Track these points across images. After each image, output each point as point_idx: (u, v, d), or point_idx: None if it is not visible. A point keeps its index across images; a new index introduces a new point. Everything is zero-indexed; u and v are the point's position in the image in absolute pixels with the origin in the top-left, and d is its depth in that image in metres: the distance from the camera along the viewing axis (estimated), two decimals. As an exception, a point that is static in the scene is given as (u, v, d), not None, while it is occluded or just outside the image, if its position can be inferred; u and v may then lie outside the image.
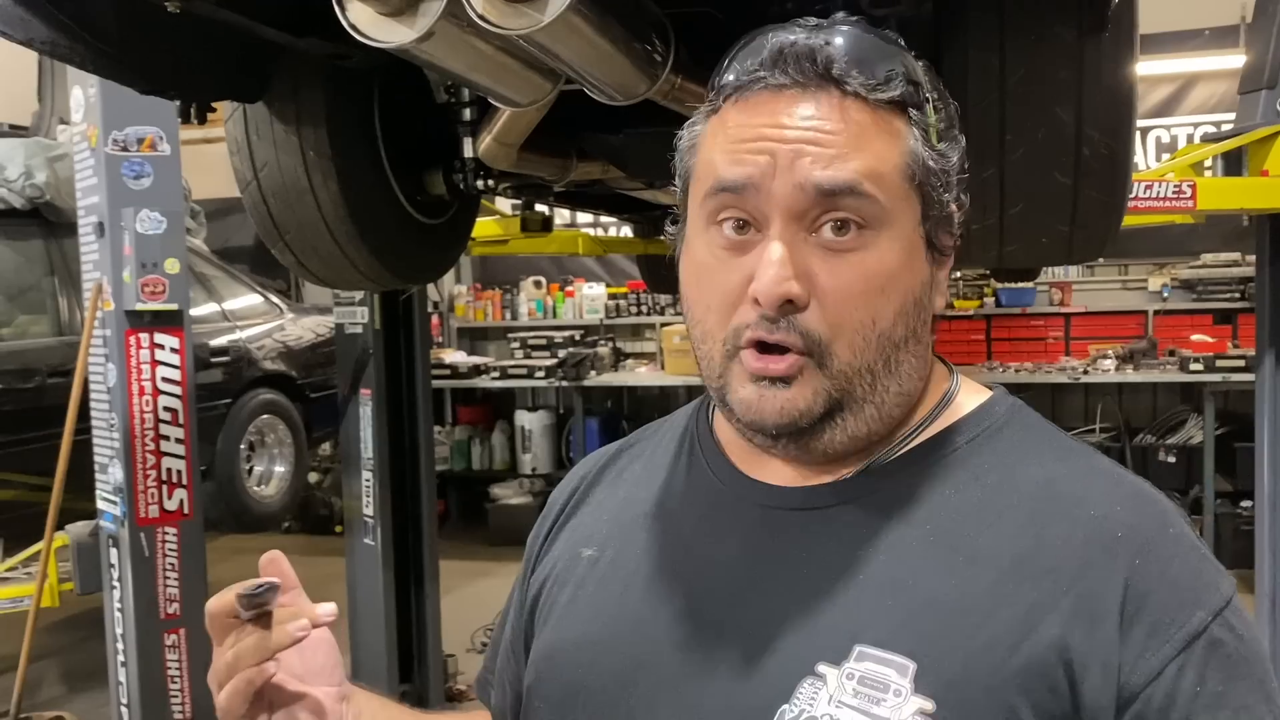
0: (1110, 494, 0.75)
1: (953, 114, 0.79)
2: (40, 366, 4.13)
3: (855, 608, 0.72)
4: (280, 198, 2.29)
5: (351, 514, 3.93)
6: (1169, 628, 0.69)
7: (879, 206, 0.73)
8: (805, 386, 0.74)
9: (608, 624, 0.82)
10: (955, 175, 0.77)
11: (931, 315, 0.79)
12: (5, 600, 3.91)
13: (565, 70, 1.70)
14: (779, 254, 0.72)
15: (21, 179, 4.23)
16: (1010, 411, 0.81)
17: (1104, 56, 1.90)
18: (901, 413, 0.79)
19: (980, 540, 0.73)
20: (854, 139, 0.73)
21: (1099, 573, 0.70)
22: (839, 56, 0.74)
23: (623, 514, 0.88)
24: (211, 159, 6.08)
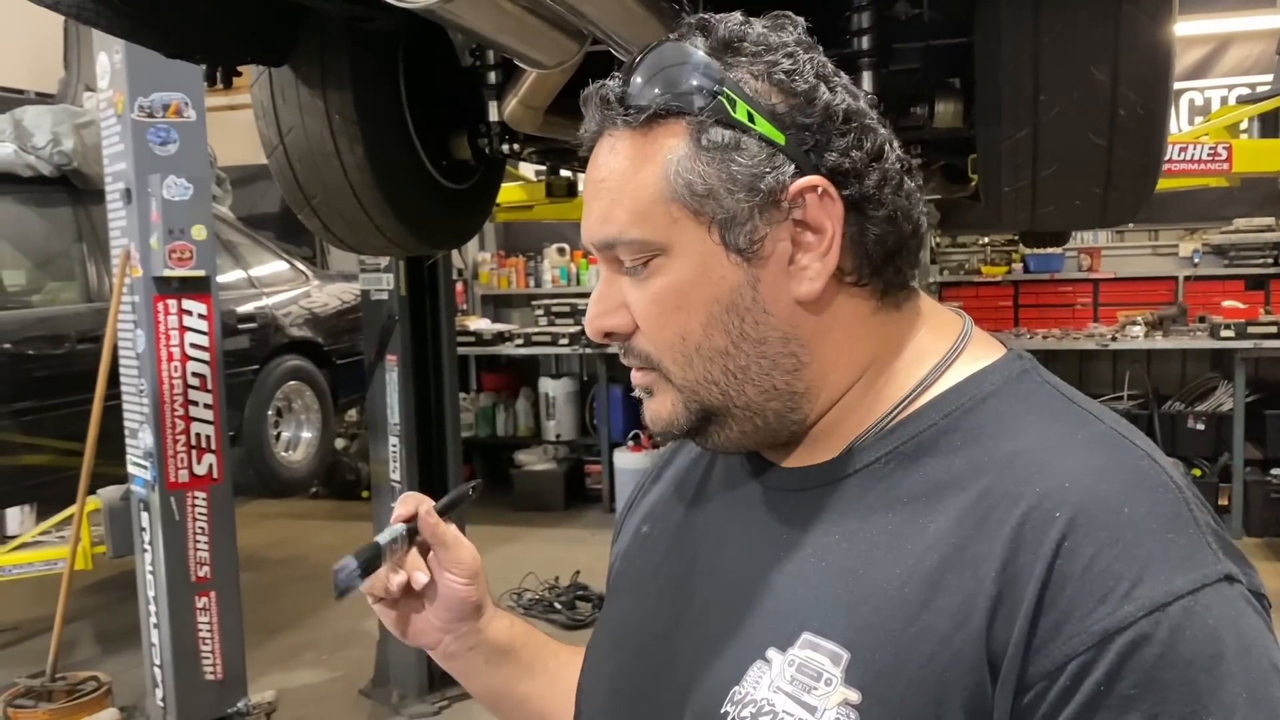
0: (1072, 466, 0.68)
1: (787, 85, 0.74)
2: (70, 333, 4.17)
3: (810, 594, 0.73)
4: (306, 162, 2.29)
5: (378, 479, 3.96)
6: (1083, 619, 0.63)
7: (648, 243, 0.74)
8: (664, 397, 0.79)
9: (638, 601, 0.87)
10: (766, 158, 0.73)
11: (788, 307, 0.75)
12: (40, 563, 3.97)
13: (591, 30, 1.68)
14: (595, 294, 0.79)
15: (49, 146, 4.25)
16: (1006, 378, 0.76)
17: (1141, 13, 1.86)
18: (819, 399, 0.78)
19: (933, 525, 0.70)
20: (620, 182, 0.75)
21: (1026, 556, 0.65)
22: (614, 90, 0.76)
23: (674, 490, 0.93)
24: (237, 126, 6.08)
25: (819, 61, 0.75)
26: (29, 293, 4.43)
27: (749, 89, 0.73)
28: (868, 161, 0.75)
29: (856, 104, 0.75)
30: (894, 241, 0.76)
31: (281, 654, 4.50)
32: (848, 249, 0.75)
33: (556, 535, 6.34)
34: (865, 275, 0.76)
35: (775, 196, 0.73)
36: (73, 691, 3.50)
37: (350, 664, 4.35)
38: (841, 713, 0.68)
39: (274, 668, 4.27)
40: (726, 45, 0.75)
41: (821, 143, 0.74)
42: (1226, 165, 2.99)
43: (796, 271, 0.75)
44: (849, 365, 0.78)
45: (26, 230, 4.44)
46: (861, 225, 0.75)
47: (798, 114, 0.73)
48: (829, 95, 0.74)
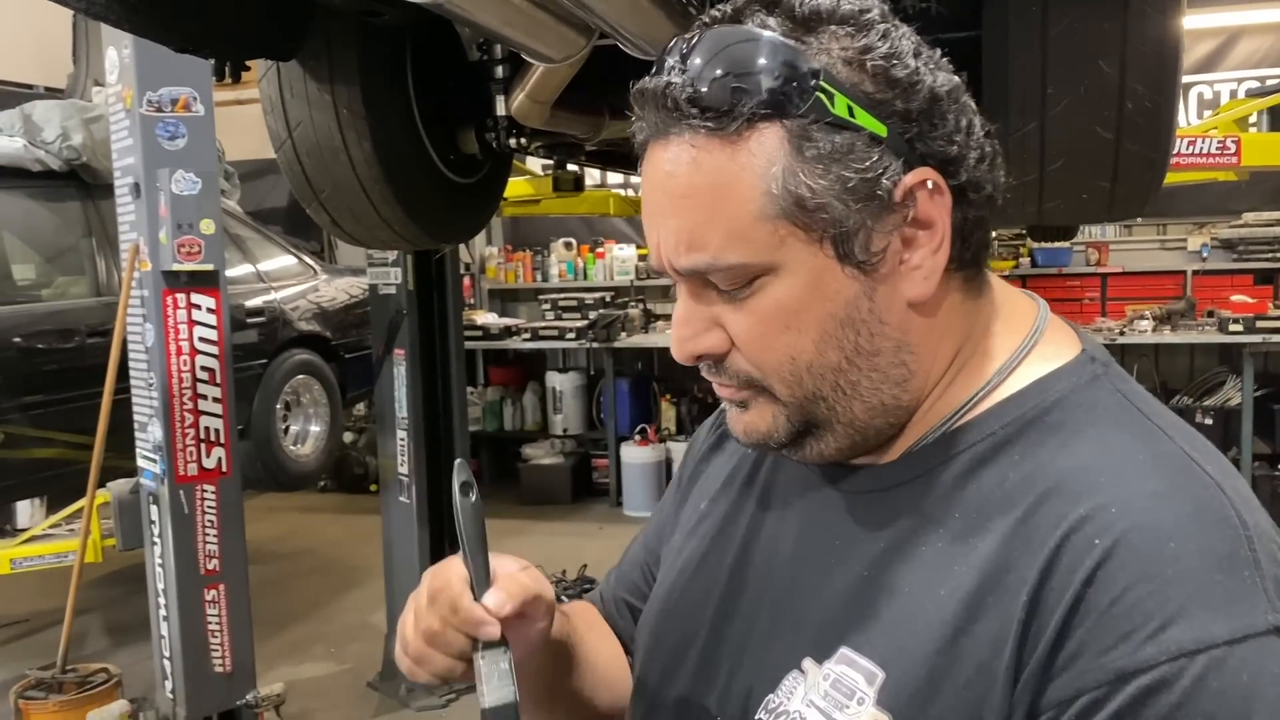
0: (1125, 490, 0.63)
1: (884, 69, 0.66)
2: (79, 327, 4.19)
3: (852, 606, 0.70)
4: (314, 156, 2.30)
5: (386, 473, 3.97)
6: (1100, 655, 0.59)
7: (751, 266, 0.67)
8: (763, 411, 0.73)
9: (687, 586, 0.84)
10: (874, 156, 0.66)
11: (902, 313, 0.69)
12: (50, 556, 3.99)
13: (598, 24, 1.68)
14: (679, 315, 0.72)
15: (58, 141, 4.26)
16: (1075, 385, 0.70)
17: (1150, 6, 1.86)
18: (917, 406, 0.72)
19: (981, 544, 0.66)
20: (708, 200, 0.67)
21: (1059, 580, 0.61)
22: (681, 87, 0.66)
23: (735, 467, 0.88)
24: (245, 120, 6.09)
25: (910, 37, 0.68)
26: (39, 287, 4.45)
27: (844, 77, 0.65)
28: (968, 141, 0.69)
29: (952, 79, 0.68)
30: (986, 225, 0.72)
31: (290, 647, 4.52)
32: (953, 237, 0.70)
33: (563, 529, 6.35)
34: (960, 263, 0.71)
35: (887, 197, 0.66)
36: (83, 683, 3.52)
37: (358, 657, 4.37)
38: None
39: (282, 660, 4.29)
40: (805, 24, 0.66)
41: (925, 130, 0.67)
42: (1235, 159, 2.99)
43: (908, 272, 0.69)
44: (942, 365, 0.72)
45: (36, 225, 4.46)
46: (964, 211, 0.69)
47: (898, 101, 0.66)
48: (931, 77, 0.67)
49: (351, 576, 5.46)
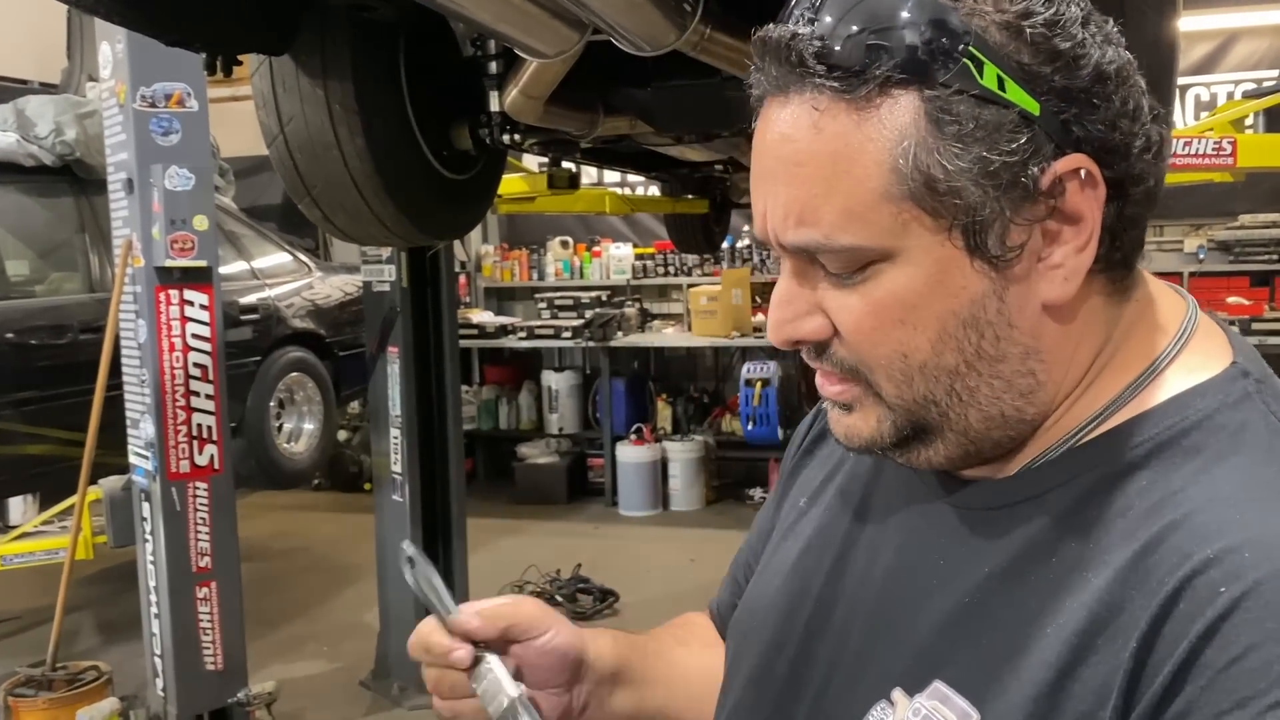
0: (1266, 531, 0.54)
1: (1045, 40, 0.58)
2: (72, 323, 4.17)
3: (949, 635, 0.64)
4: (306, 152, 2.29)
5: (380, 471, 3.96)
6: (1214, 716, 0.51)
7: (866, 250, 0.61)
8: (868, 414, 0.66)
9: (777, 588, 0.79)
10: (1023, 137, 0.58)
11: (1035, 316, 0.62)
12: (41, 552, 3.98)
13: (592, 19, 1.67)
14: (779, 295, 0.65)
15: (52, 136, 4.25)
16: (1221, 403, 0.62)
17: (1145, 6, 1.85)
18: (1033, 420, 0.65)
19: (1095, 579, 0.58)
20: (827, 170, 0.60)
21: (1174, 629, 0.54)
22: (809, 40, 0.58)
23: (837, 464, 0.82)
24: (240, 116, 6.07)
25: (1080, 3, 0.60)
26: (31, 283, 4.44)
27: (997, 43, 0.57)
28: (1133, 128, 0.60)
29: (1122, 55, 0.60)
30: (1142, 220, 0.64)
31: (282, 645, 4.51)
32: (1103, 235, 0.61)
33: (558, 529, 6.34)
34: (1108, 266, 0.63)
35: (1033, 185, 0.59)
36: (73, 681, 3.51)
37: (351, 655, 4.35)
38: None
39: (275, 659, 4.28)
40: None
41: (1084, 112, 0.58)
42: (1231, 160, 2.98)
43: (1046, 271, 0.61)
44: (1077, 375, 0.64)
45: (29, 220, 4.45)
46: (1120, 206, 0.61)
47: (1057, 76, 0.58)
48: (1099, 52, 0.59)
49: (345, 575, 5.45)
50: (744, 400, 6.46)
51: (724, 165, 4.02)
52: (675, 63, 1.95)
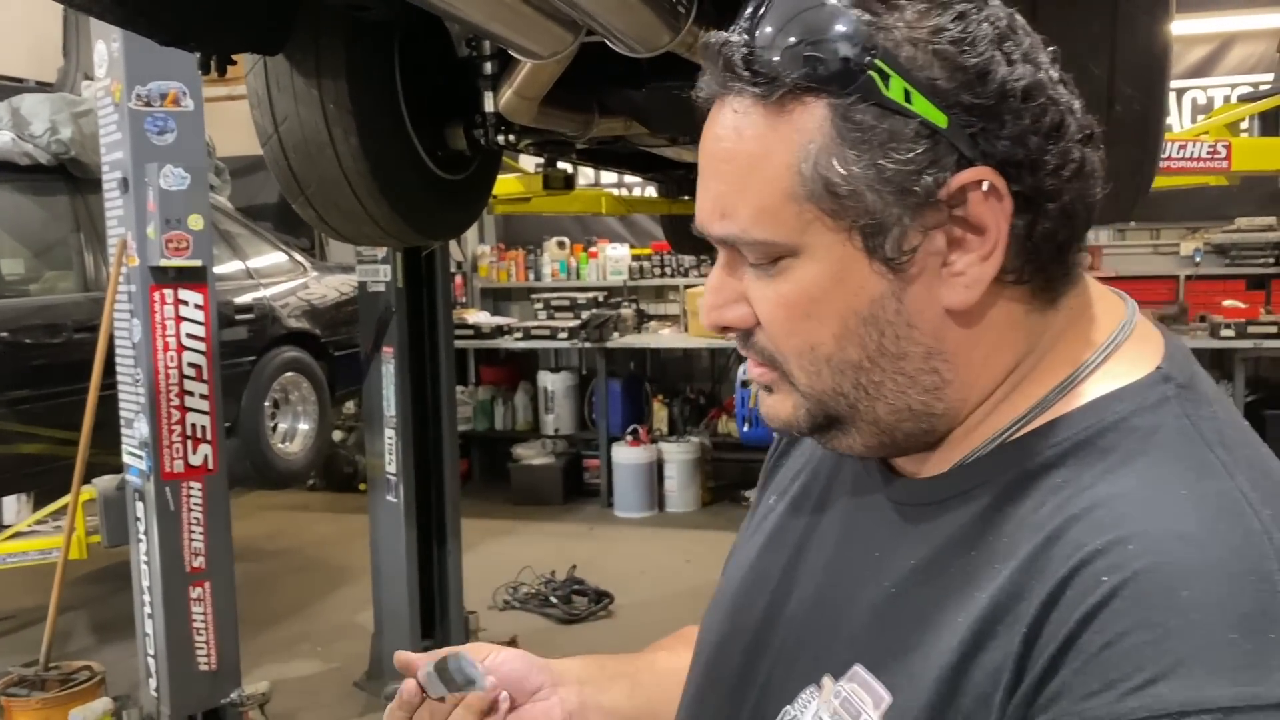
0: (1154, 526, 0.57)
1: (953, 56, 0.60)
2: (66, 322, 4.17)
3: (874, 624, 0.68)
4: (301, 152, 2.28)
5: (374, 472, 3.96)
6: (1079, 700, 0.54)
7: (775, 245, 0.64)
8: (785, 398, 0.70)
9: (741, 580, 0.83)
10: (925, 148, 0.61)
11: (936, 319, 0.65)
12: (35, 552, 3.98)
13: (585, 20, 1.67)
14: (710, 283, 0.70)
15: (47, 135, 4.25)
16: (1139, 406, 0.64)
17: (1139, 10, 1.86)
18: (957, 416, 0.68)
19: (1004, 570, 0.61)
20: (746, 170, 0.64)
21: (1059, 616, 0.57)
22: (738, 47, 0.63)
23: (804, 463, 0.86)
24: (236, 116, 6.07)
25: (996, 19, 0.62)
26: (26, 282, 4.43)
27: (907, 57, 0.60)
28: (1044, 144, 0.62)
29: (1037, 73, 0.62)
30: (1066, 234, 0.65)
31: (276, 645, 4.51)
32: (1010, 246, 0.63)
33: (554, 530, 6.34)
34: (1027, 274, 0.65)
35: (932, 194, 0.61)
36: (66, 681, 3.50)
37: (345, 656, 4.35)
38: None
39: (268, 659, 4.27)
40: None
41: (992, 126, 0.61)
42: (1226, 163, 2.99)
43: (949, 277, 0.64)
44: (991, 378, 0.67)
45: (24, 219, 4.44)
46: (1032, 220, 0.63)
47: (964, 91, 0.60)
48: (1006, 69, 0.60)
49: (339, 575, 5.44)
50: (740, 401, 6.46)
51: (720, 167, 4.01)
52: (670, 64, 1.95)
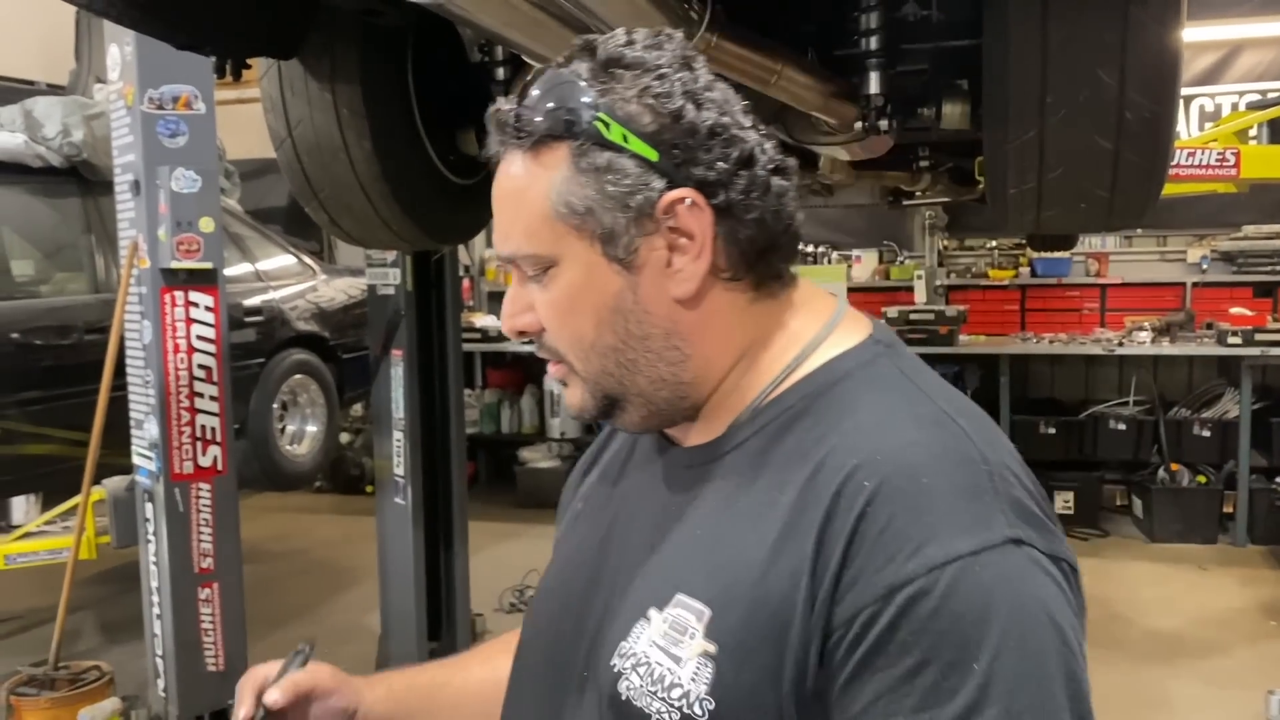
0: (889, 440, 0.77)
1: (656, 106, 0.81)
2: (77, 323, 4.18)
3: (685, 560, 0.83)
4: (314, 155, 2.30)
5: (382, 474, 3.97)
6: (874, 575, 0.72)
7: (541, 256, 0.84)
8: (575, 388, 0.89)
9: (564, 566, 0.98)
10: (638, 175, 0.80)
11: (667, 306, 0.84)
12: (44, 552, 3.99)
13: (600, 26, 1.68)
14: (507, 296, 0.89)
15: (59, 137, 4.26)
16: (860, 362, 0.85)
17: (1150, 18, 1.87)
18: (705, 384, 0.87)
19: (783, 496, 0.79)
20: (516, 202, 0.84)
21: (839, 520, 0.74)
22: (507, 113, 0.83)
23: (604, 471, 1.03)
24: (246, 119, 6.09)
25: (689, 79, 0.82)
26: (37, 283, 4.45)
27: (623, 110, 0.81)
28: (735, 170, 0.82)
29: (722, 118, 0.82)
30: (765, 240, 0.84)
31: (283, 647, 4.45)
32: (721, 249, 0.83)
33: (559, 533, 6.33)
34: (740, 271, 0.85)
35: (648, 210, 0.81)
36: (75, 680, 3.52)
37: (351, 658, 4.35)
38: (700, 662, 0.77)
39: (275, 660, 4.28)
40: (606, 66, 0.82)
41: (690, 157, 0.81)
42: (1235, 171, 2.99)
43: (673, 274, 0.83)
44: (728, 353, 0.87)
45: (35, 221, 4.46)
46: (733, 228, 0.83)
47: (667, 132, 0.81)
48: (695, 113, 0.81)
49: (346, 577, 5.45)
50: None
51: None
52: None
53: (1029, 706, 0.69)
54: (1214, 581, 5.39)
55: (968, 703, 0.68)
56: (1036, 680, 0.69)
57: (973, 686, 0.68)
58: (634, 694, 0.80)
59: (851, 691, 0.72)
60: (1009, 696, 0.68)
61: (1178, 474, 6.10)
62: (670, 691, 0.78)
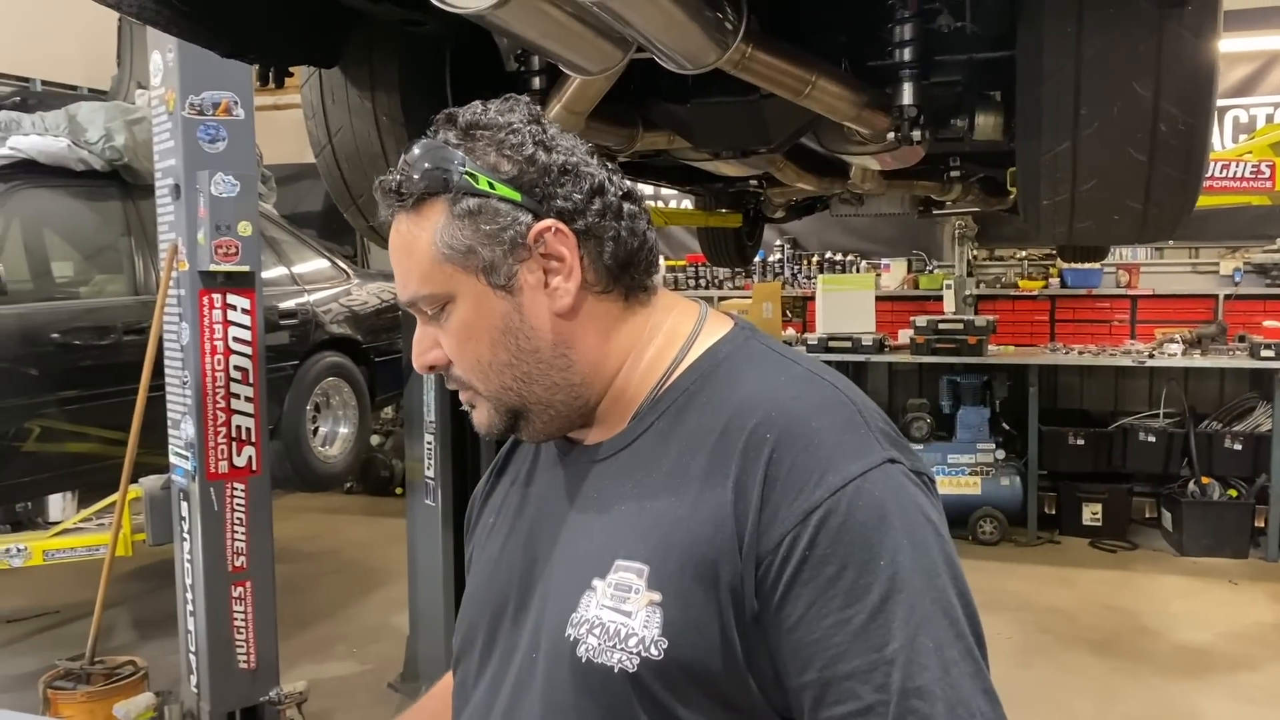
0: (776, 399, 0.92)
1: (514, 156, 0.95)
2: (116, 324, 4.25)
3: (617, 531, 0.94)
4: (353, 162, 2.34)
5: (413, 475, 4.01)
6: (790, 506, 0.86)
7: (437, 295, 0.96)
8: (481, 409, 1.01)
9: (489, 571, 1.08)
10: (508, 213, 0.94)
11: (550, 320, 0.97)
12: (82, 548, 4.06)
13: (636, 38, 1.71)
14: (415, 337, 1.01)
15: (101, 141, 4.34)
16: (735, 346, 1.00)
17: (1185, 30, 1.87)
18: (596, 384, 1.00)
19: (694, 461, 0.92)
20: (408, 253, 0.96)
21: (751, 469, 0.88)
22: (390, 182, 0.96)
23: (510, 484, 1.13)
24: (282, 125, 6.18)
25: (537, 131, 0.97)
26: (77, 284, 4.52)
27: (486, 163, 0.95)
28: (588, 199, 0.96)
29: (571, 158, 0.97)
30: (625, 255, 0.98)
31: (313, 646, 4.57)
32: (589, 267, 0.97)
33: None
34: (609, 284, 0.98)
35: (520, 241, 0.95)
36: (111, 675, 3.57)
37: (380, 658, 4.40)
38: (649, 611, 0.89)
39: (305, 659, 4.33)
40: (467, 130, 0.96)
41: (548, 193, 0.95)
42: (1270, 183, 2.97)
43: (551, 292, 0.96)
44: (612, 355, 1.00)
45: (77, 223, 4.54)
46: (597, 248, 0.97)
47: (525, 174, 0.95)
48: (546, 156, 0.95)
49: (375, 578, 5.50)
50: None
51: (759, 180, 4.04)
52: (714, 79, 1.98)
53: (925, 586, 0.84)
54: (1245, 596, 5.34)
55: (883, 592, 0.83)
56: (926, 566, 0.85)
57: (885, 578, 0.84)
58: (593, 653, 0.91)
59: (787, 606, 0.86)
60: (910, 580, 0.84)
61: (1208, 487, 6.04)
62: (627, 641, 0.89)
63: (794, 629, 0.85)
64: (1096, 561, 5.96)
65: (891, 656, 0.82)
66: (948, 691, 0.82)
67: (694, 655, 0.88)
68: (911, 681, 0.82)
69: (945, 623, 0.84)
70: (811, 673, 0.85)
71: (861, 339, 6.49)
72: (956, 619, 0.85)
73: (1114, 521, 6.25)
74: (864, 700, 0.82)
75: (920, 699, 0.82)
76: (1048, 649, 4.57)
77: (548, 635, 0.96)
